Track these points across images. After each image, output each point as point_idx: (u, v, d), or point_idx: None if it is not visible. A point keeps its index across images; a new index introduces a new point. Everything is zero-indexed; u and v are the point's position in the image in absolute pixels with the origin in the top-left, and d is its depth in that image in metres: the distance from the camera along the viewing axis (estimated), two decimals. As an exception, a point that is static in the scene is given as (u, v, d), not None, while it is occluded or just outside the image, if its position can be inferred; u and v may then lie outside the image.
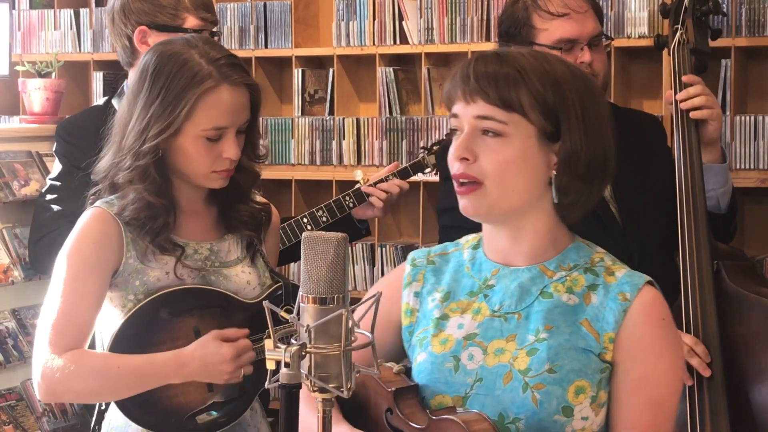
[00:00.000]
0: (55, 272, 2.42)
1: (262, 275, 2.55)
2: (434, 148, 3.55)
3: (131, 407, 2.43)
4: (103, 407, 2.53)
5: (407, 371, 2.02)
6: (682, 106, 2.90)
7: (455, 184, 1.97)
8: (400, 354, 2.10)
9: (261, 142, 2.58)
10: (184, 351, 2.38)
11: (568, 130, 1.91)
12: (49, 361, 2.35)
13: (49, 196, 3.33)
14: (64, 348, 2.36)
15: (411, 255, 2.15)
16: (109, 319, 2.45)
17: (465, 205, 1.96)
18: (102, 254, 2.40)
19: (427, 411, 1.91)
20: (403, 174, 3.48)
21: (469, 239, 2.10)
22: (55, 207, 3.29)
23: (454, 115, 1.97)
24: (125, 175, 2.41)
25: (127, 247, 2.41)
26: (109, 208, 2.43)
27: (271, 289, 2.55)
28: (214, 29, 3.40)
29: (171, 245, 2.43)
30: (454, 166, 1.96)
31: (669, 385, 1.94)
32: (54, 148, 3.45)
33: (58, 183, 3.34)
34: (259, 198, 2.62)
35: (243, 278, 2.51)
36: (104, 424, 2.51)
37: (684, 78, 2.93)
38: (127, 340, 2.41)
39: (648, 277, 1.97)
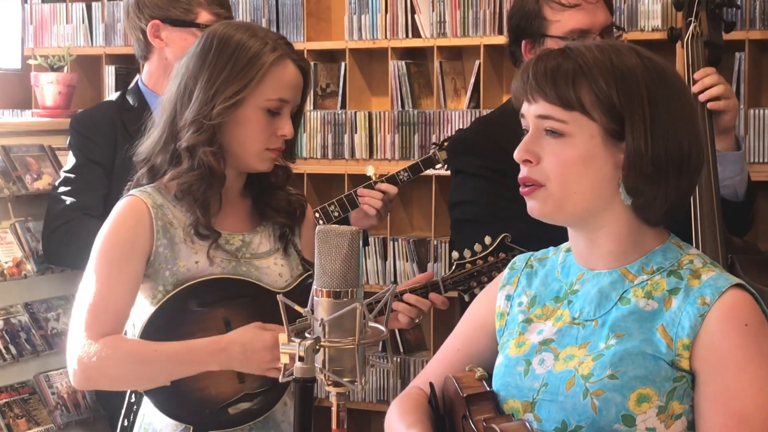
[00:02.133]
0: (91, 259, 2.42)
1: (294, 267, 2.55)
2: (445, 144, 3.55)
3: (163, 399, 2.42)
4: (132, 400, 2.52)
5: (491, 376, 1.98)
6: (701, 98, 2.88)
7: (520, 187, 1.90)
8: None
9: None
10: (224, 337, 2.37)
11: (631, 129, 1.82)
12: (85, 346, 2.35)
13: (62, 188, 3.34)
14: (100, 334, 2.35)
15: (514, 258, 2.10)
16: (139, 310, 2.44)
17: (530, 206, 1.90)
18: (137, 241, 2.40)
19: (484, 418, 1.86)
20: (414, 170, 3.50)
21: (568, 241, 2.03)
22: (69, 199, 3.30)
23: (522, 115, 1.91)
24: (190, 138, 2.39)
25: (157, 235, 2.41)
26: (142, 196, 2.43)
27: (300, 279, 2.53)
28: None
29: (210, 229, 2.43)
30: (521, 169, 1.90)
31: (755, 398, 1.78)
32: (68, 141, 3.46)
33: (71, 175, 3.35)
34: (295, 191, 2.63)
35: (275, 270, 2.50)
36: (138, 421, 2.49)
37: (695, 75, 2.91)
38: (157, 332, 2.40)
39: (736, 280, 1.85)
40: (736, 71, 3.83)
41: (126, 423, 2.52)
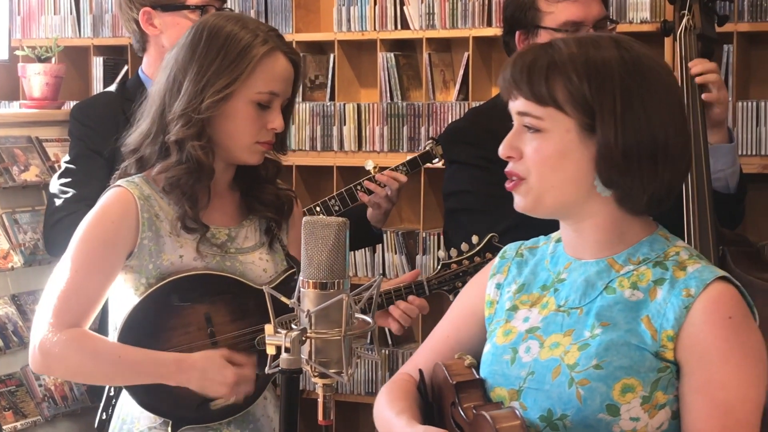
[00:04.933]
0: (70, 245, 2.40)
1: (279, 263, 2.53)
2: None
3: (142, 394, 2.41)
4: (111, 393, 2.51)
5: (480, 364, 1.99)
6: (698, 80, 2.88)
7: (507, 182, 1.94)
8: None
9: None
10: (188, 358, 2.36)
11: (601, 122, 1.83)
12: (50, 333, 2.33)
13: (63, 180, 3.31)
14: (67, 323, 2.34)
15: (505, 247, 2.11)
16: (123, 301, 2.43)
17: (516, 201, 1.93)
18: (119, 234, 2.39)
19: (474, 405, 1.88)
20: (412, 164, 3.48)
21: (559, 231, 2.05)
22: (71, 190, 3.28)
23: (510, 110, 1.94)
24: (179, 131, 2.37)
25: (143, 227, 2.39)
26: (128, 186, 2.41)
27: (284, 276, 2.52)
28: (224, 6, 3.38)
29: (198, 223, 2.41)
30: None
31: (739, 389, 1.80)
32: (69, 130, 3.43)
33: (73, 166, 3.32)
34: (285, 186, 2.61)
35: (259, 265, 2.49)
36: (116, 413, 2.49)
37: (690, 64, 2.91)
38: (138, 325, 2.39)
39: (721, 272, 1.86)
40: (724, 63, 3.83)
41: (104, 416, 2.51)
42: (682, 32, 2.98)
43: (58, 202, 3.29)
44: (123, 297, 2.43)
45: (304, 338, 1.59)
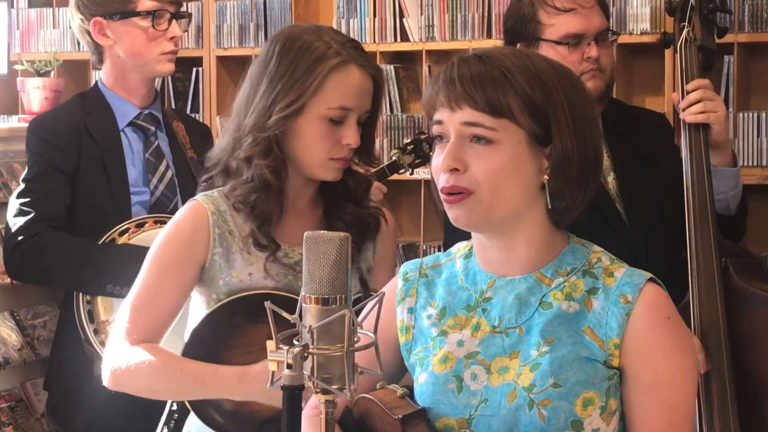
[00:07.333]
0: (145, 261, 2.37)
1: (352, 286, 2.46)
2: (408, 147, 3.47)
3: (204, 411, 2.36)
4: (174, 407, 2.46)
5: (411, 393, 1.95)
6: (682, 116, 2.88)
7: (442, 195, 1.88)
8: (401, 373, 2.03)
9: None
10: (250, 370, 2.28)
11: (558, 133, 1.83)
12: (120, 351, 2.31)
13: (23, 199, 3.18)
14: (138, 340, 2.31)
15: (402, 268, 2.06)
16: (196, 313, 2.40)
17: (456, 215, 1.87)
18: (192, 248, 2.35)
19: None
20: (380, 175, 3.39)
21: (461, 248, 2.02)
22: (32, 210, 3.15)
23: (438, 122, 1.88)
24: (247, 149, 2.33)
25: (213, 243, 2.35)
26: (204, 201, 2.38)
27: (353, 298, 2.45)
28: (181, 10, 3.30)
29: (268, 240, 2.36)
30: (442, 178, 1.87)
31: (682, 386, 1.87)
32: (26, 146, 3.28)
33: (34, 184, 3.19)
34: (373, 204, 2.52)
35: None
36: (184, 429, 2.43)
37: (688, 86, 2.91)
38: (202, 341, 2.35)
39: (648, 275, 1.89)
40: (724, 74, 3.82)
41: (166, 431, 2.47)
42: (683, 44, 2.97)
43: (18, 223, 3.15)
44: (197, 311, 2.40)
45: (306, 354, 1.58)
